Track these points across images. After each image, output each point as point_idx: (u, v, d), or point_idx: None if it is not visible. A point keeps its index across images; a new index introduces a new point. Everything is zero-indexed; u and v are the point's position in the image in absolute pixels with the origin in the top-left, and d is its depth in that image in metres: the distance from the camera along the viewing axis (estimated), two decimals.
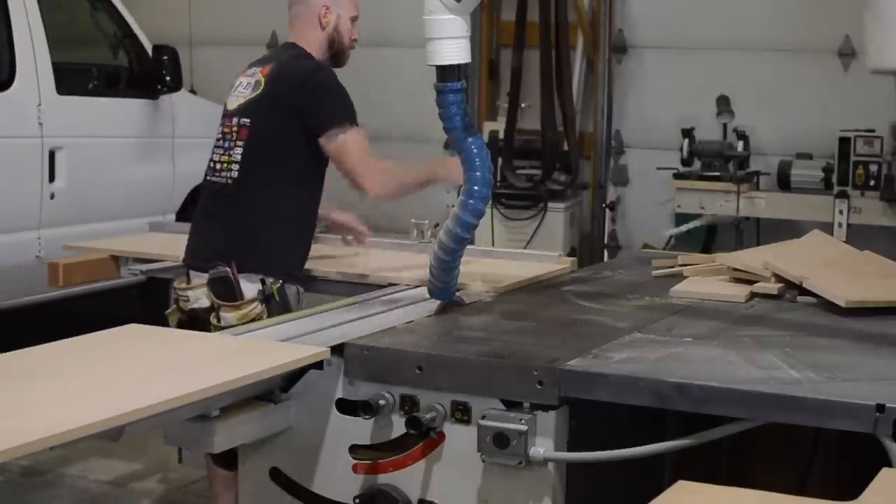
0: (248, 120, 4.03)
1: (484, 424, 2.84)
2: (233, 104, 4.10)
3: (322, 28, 4.17)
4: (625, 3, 7.86)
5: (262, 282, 3.89)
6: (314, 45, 4.16)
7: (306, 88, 3.99)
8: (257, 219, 3.97)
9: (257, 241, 3.96)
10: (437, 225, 4.53)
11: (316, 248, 4.33)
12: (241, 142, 4.01)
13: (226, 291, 3.88)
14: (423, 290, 3.75)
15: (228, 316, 3.85)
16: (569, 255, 7.54)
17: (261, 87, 4.04)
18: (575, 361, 2.93)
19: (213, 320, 3.90)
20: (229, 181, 4.02)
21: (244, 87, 4.11)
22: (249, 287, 3.89)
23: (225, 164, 4.04)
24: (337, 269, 4.34)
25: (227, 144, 4.05)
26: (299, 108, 3.96)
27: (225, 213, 4.02)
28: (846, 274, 3.99)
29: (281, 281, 3.93)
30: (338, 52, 4.25)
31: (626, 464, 2.88)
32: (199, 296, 3.94)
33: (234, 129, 4.04)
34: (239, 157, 4.01)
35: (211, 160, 4.11)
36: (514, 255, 4.74)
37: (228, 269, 3.88)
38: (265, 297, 3.87)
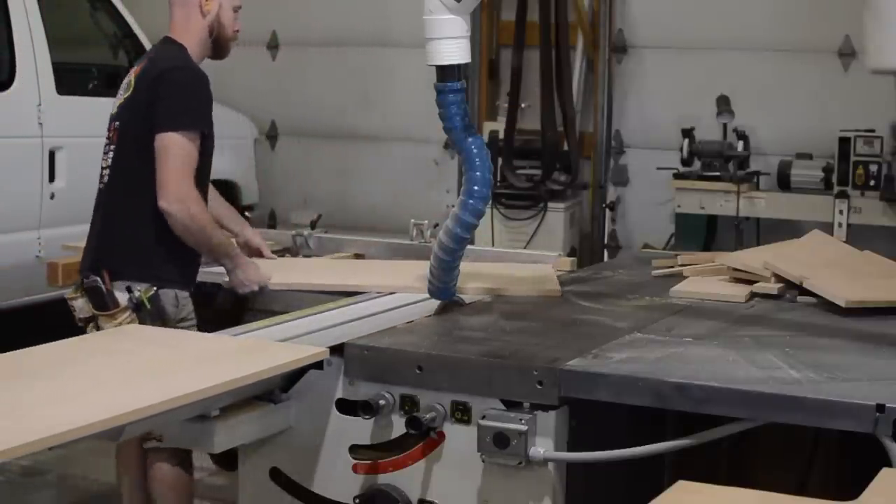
0: (118, 122, 3.92)
1: (484, 424, 2.84)
2: (113, 107, 3.99)
3: (203, 16, 3.95)
4: (625, 3, 7.85)
5: (129, 289, 3.74)
6: (193, 35, 3.95)
7: (159, 85, 3.80)
8: (126, 225, 3.85)
9: (127, 248, 3.83)
10: (436, 225, 4.49)
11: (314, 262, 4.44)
12: (113, 146, 3.91)
13: (99, 301, 3.75)
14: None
15: (106, 326, 3.72)
16: (569, 255, 7.59)
17: (131, 88, 3.91)
18: (575, 361, 2.93)
19: (90, 330, 3.77)
20: (102, 187, 3.93)
21: (122, 89, 3.97)
22: (122, 296, 3.77)
23: (103, 170, 3.94)
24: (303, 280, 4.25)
25: (105, 149, 3.94)
26: (150, 104, 3.79)
27: (98, 220, 3.92)
28: (846, 274, 3.99)
29: (155, 288, 3.76)
30: (219, 44, 4.04)
31: (626, 464, 2.88)
32: (81, 305, 3.83)
33: (111, 133, 3.93)
34: (111, 162, 3.90)
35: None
36: (512, 256, 4.70)
37: (99, 278, 3.75)
38: (135, 305, 3.73)
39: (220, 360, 3.00)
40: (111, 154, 3.91)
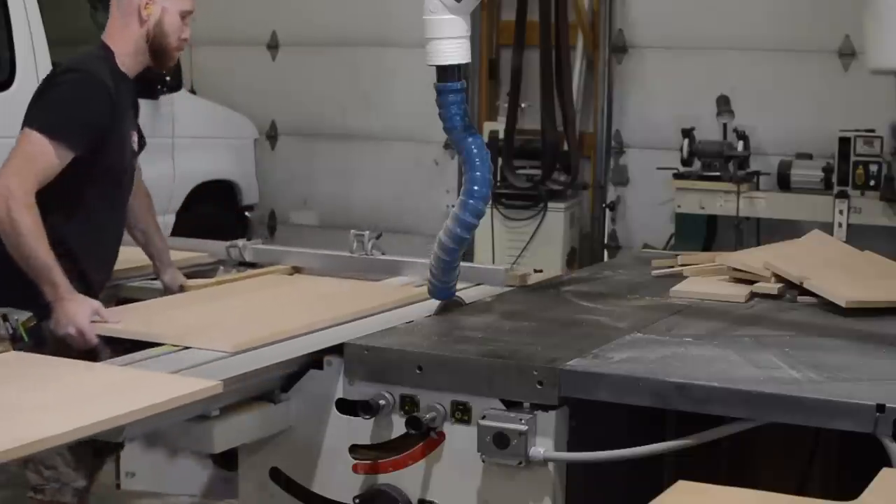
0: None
1: (484, 424, 2.84)
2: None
3: (141, 22, 3.60)
4: (625, 3, 7.85)
5: (5, 317, 3.28)
6: (128, 42, 3.60)
7: (39, 87, 3.52)
8: (4, 248, 3.42)
9: (8, 274, 3.40)
10: (379, 236, 4.34)
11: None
12: None
13: None
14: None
15: None
16: (569, 255, 7.60)
17: None
18: (575, 361, 2.93)
19: None
20: None
21: None
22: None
23: None
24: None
25: None
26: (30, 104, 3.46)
27: None
28: (846, 274, 3.99)
29: (36, 319, 3.30)
30: (159, 53, 3.65)
31: (626, 464, 2.88)
32: None
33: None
34: None
35: None
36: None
37: None
38: (11, 336, 3.26)
39: (90, 399, 2.65)
40: None
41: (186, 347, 3.13)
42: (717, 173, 7.14)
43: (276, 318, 3.44)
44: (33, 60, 6.55)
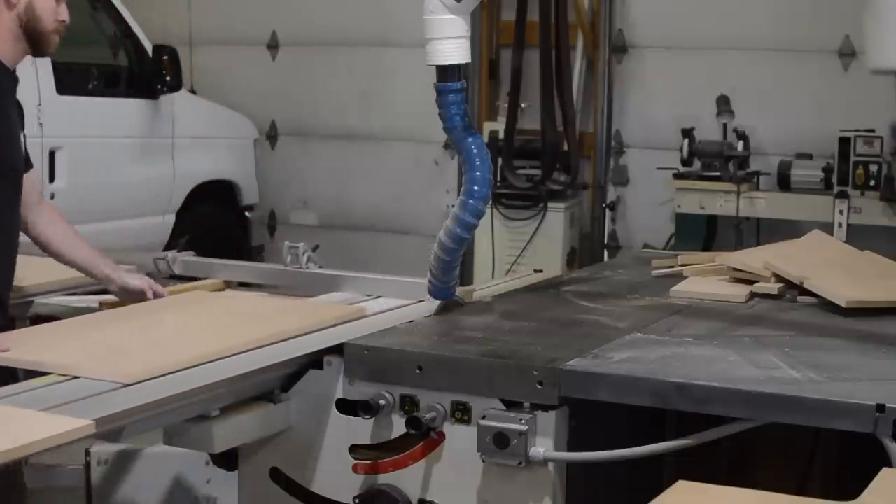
0: None
1: (484, 424, 2.84)
2: None
3: (9, 7, 3.30)
4: (625, 3, 7.86)
5: None
6: (1, 31, 3.32)
7: None
8: None
9: None
10: (316, 247, 4.13)
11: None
12: None
13: None
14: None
15: None
16: (569, 255, 7.60)
17: None
18: (575, 361, 2.92)
19: None
20: None
21: None
22: None
23: None
24: None
25: None
26: None
27: None
28: (846, 274, 3.99)
29: None
30: (36, 37, 3.37)
31: (626, 464, 2.88)
32: None
33: None
34: None
35: None
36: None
37: None
38: None
39: None
40: None
41: (76, 377, 2.79)
42: (717, 173, 7.14)
43: (184, 344, 3.07)
44: (33, 60, 6.54)
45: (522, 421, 2.81)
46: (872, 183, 6.70)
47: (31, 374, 2.85)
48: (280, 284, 4.04)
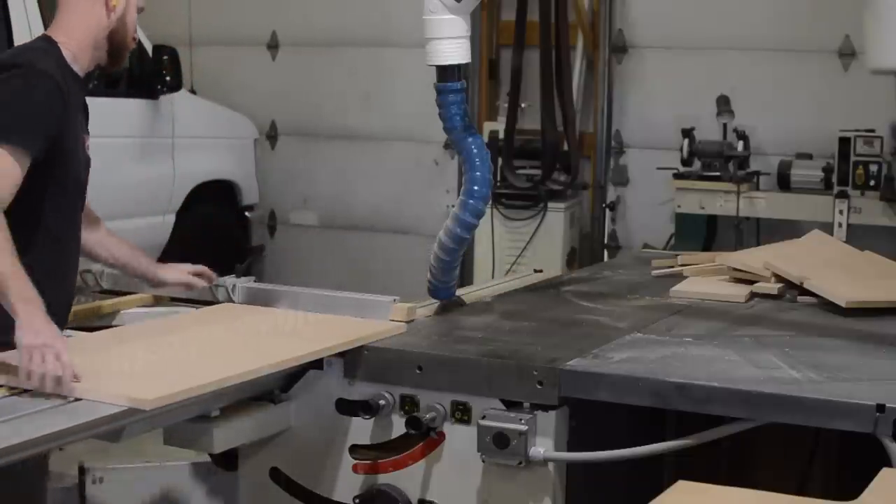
0: None
1: (484, 424, 2.84)
2: None
3: (108, 13, 3.19)
4: (625, 4, 7.85)
5: None
6: (86, 35, 3.17)
7: None
8: None
9: None
10: (249, 267, 3.92)
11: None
12: None
13: None
14: None
15: None
16: (569, 255, 7.59)
17: None
18: (575, 361, 2.93)
19: None
20: None
21: None
22: None
23: None
24: None
25: None
26: None
27: None
28: (846, 274, 3.99)
29: None
30: (117, 50, 3.27)
31: (626, 464, 2.88)
32: None
33: None
34: None
35: None
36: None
37: None
38: None
39: None
40: None
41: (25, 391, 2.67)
42: (717, 173, 7.14)
43: (213, 365, 2.91)
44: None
45: (522, 421, 2.81)
46: (872, 183, 6.69)
47: None
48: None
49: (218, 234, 7.99)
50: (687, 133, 7.23)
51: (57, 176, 3.06)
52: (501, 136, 7.49)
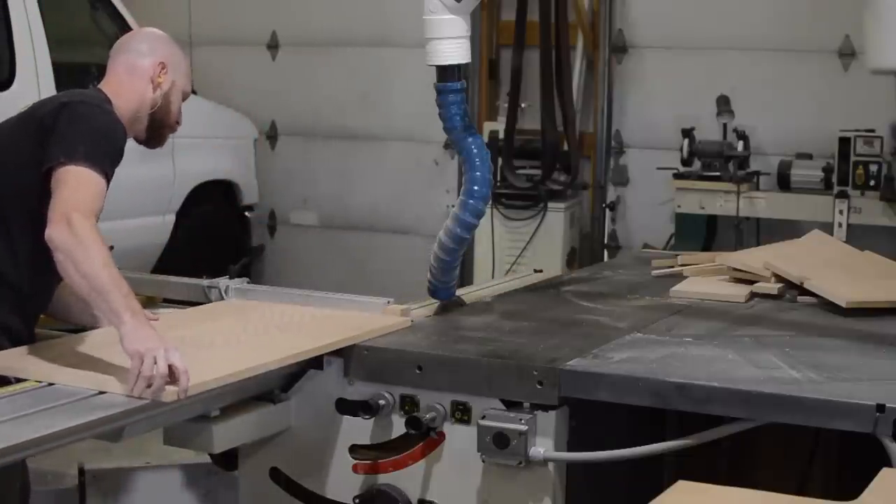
0: None
1: (484, 424, 2.84)
2: None
3: (153, 89, 3.30)
4: (625, 3, 7.85)
5: None
6: (130, 105, 3.25)
7: (59, 113, 3.05)
8: None
9: None
10: (247, 264, 3.87)
11: None
12: None
13: None
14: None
15: None
16: (569, 255, 7.60)
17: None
18: (575, 361, 2.93)
19: None
20: None
21: None
22: None
23: None
24: None
25: None
26: (41, 133, 3.02)
27: None
28: (846, 274, 3.99)
29: None
30: (157, 127, 3.34)
31: (626, 464, 2.88)
32: None
33: None
34: None
35: None
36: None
37: None
38: None
39: None
40: None
41: (52, 384, 2.74)
42: (717, 173, 7.14)
43: (229, 357, 2.96)
44: (33, 60, 6.55)
45: (522, 421, 2.81)
46: (872, 183, 6.69)
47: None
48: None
49: (218, 234, 7.98)
50: (687, 133, 7.23)
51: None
52: (501, 136, 7.49)
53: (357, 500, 3.06)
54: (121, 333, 2.67)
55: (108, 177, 2.98)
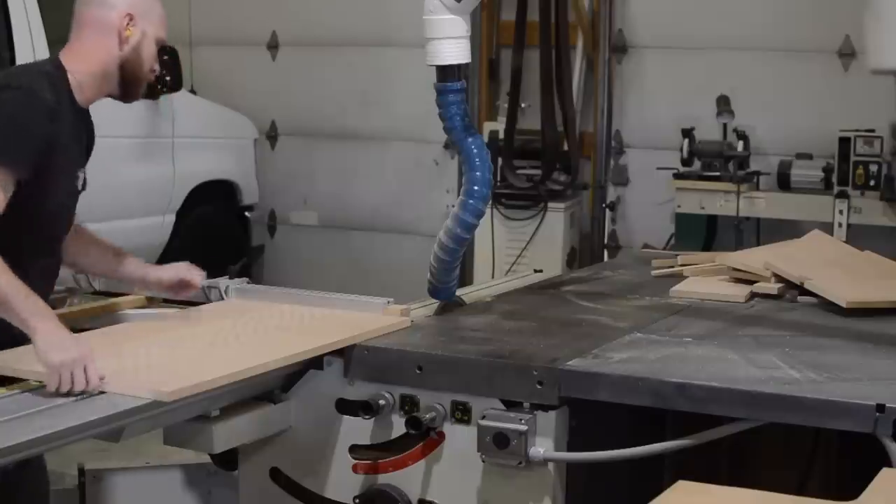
0: None
1: (484, 424, 2.84)
2: None
3: (120, 44, 3.12)
4: (625, 3, 7.85)
5: None
6: (96, 64, 3.12)
7: None
8: None
9: None
10: (247, 266, 3.86)
11: None
12: None
13: None
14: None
15: None
16: (569, 255, 7.60)
17: None
18: (575, 361, 2.93)
19: None
20: None
21: None
22: None
23: None
24: None
25: None
26: None
27: None
28: (846, 274, 3.99)
29: None
30: (130, 82, 3.19)
31: (626, 464, 2.88)
32: None
33: None
34: None
35: None
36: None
37: None
38: None
39: None
40: None
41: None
42: (717, 173, 7.14)
43: (230, 358, 2.96)
44: (33, 60, 6.55)
45: (522, 421, 2.81)
46: (872, 183, 6.69)
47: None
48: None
49: (218, 234, 7.98)
50: (687, 133, 7.23)
51: (38, 209, 2.97)
52: (501, 136, 7.49)
53: (357, 500, 3.06)
54: (33, 341, 2.65)
55: (13, 169, 2.82)
